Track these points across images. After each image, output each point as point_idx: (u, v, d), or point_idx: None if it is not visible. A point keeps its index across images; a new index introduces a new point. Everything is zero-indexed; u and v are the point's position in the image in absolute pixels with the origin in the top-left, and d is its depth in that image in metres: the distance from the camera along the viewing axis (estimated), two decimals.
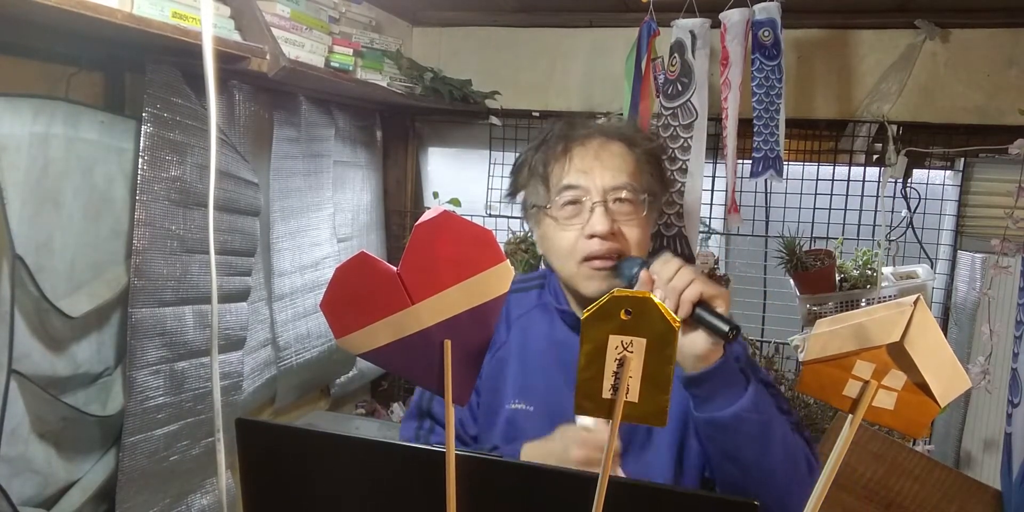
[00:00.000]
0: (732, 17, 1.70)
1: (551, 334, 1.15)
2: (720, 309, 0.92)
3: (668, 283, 0.93)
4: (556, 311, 1.16)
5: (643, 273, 0.97)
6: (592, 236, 1.03)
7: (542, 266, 2.16)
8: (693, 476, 1.07)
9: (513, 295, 1.19)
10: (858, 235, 2.11)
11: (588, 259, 1.04)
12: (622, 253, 1.04)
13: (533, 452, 1.00)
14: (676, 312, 0.92)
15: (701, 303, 0.92)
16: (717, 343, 0.93)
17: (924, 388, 0.52)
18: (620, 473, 1.00)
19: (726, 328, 0.89)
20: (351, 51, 1.74)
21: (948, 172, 2.11)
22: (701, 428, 0.97)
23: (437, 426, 1.15)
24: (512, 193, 1.20)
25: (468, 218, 0.61)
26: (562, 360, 1.11)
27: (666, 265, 0.95)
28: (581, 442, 0.94)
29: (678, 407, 1.02)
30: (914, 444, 1.92)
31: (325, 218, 2.05)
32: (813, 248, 2.05)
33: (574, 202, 1.06)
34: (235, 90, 1.68)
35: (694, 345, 0.93)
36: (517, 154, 2.34)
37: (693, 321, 0.92)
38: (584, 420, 0.97)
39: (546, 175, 1.09)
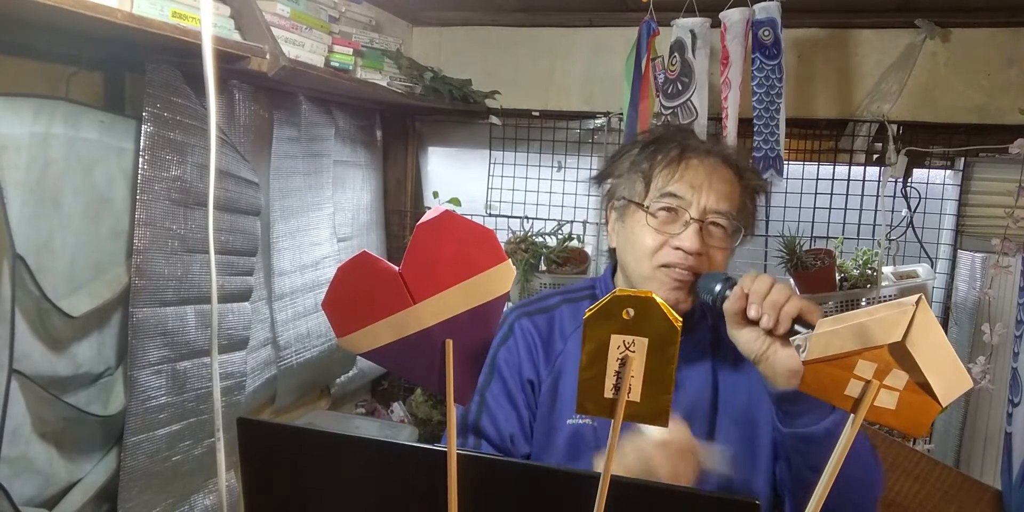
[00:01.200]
0: (732, 16, 1.70)
1: None
2: (815, 323, 0.92)
3: (765, 298, 0.92)
4: None
5: (737, 288, 0.95)
6: (678, 248, 1.03)
7: (588, 275, 2.14)
8: (761, 482, 1.06)
9: (566, 306, 1.18)
10: (858, 235, 2.11)
11: (666, 266, 1.04)
12: (698, 273, 1.04)
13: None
14: (775, 328, 0.91)
15: (798, 318, 0.91)
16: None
17: (926, 388, 0.52)
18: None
19: None
20: (351, 51, 1.74)
21: (948, 172, 2.11)
22: (789, 442, 0.96)
23: (486, 443, 1.09)
24: (601, 177, 1.18)
25: (468, 217, 0.61)
26: None
27: (758, 280, 0.94)
28: (661, 455, 0.91)
29: (739, 408, 1.04)
30: (914, 444, 1.92)
31: (325, 218, 2.05)
32: (813, 248, 2.05)
33: (670, 210, 1.05)
34: (235, 90, 1.68)
35: (789, 359, 0.92)
36: (517, 154, 2.37)
37: (790, 337, 0.91)
38: (650, 430, 0.94)
39: (650, 175, 1.08)
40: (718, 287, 0.98)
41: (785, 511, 1.05)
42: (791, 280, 2.01)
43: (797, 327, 0.91)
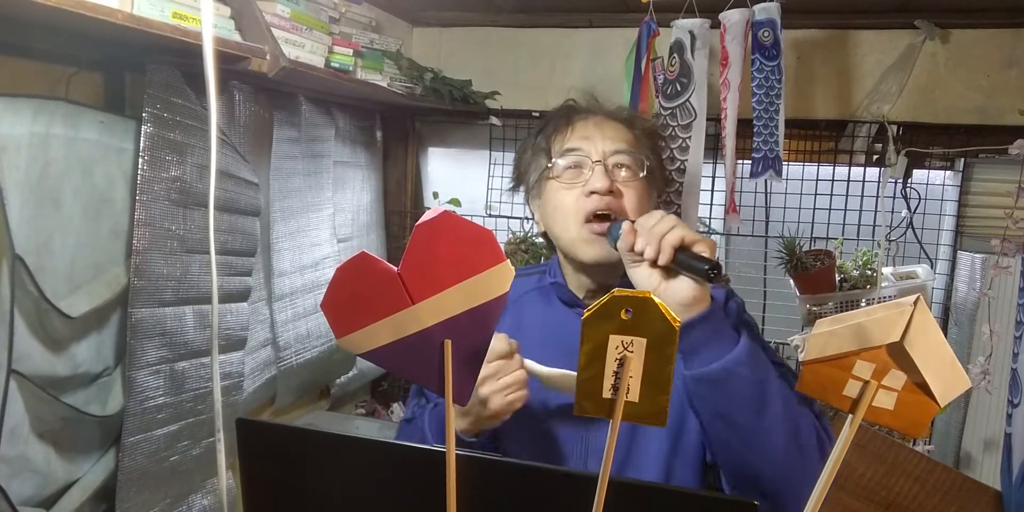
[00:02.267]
0: (732, 17, 1.70)
1: (547, 312, 1.15)
2: (705, 253, 0.91)
3: (650, 230, 0.93)
4: (553, 288, 1.16)
5: (625, 224, 0.97)
6: (592, 193, 1.05)
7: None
8: (691, 459, 1.04)
9: (515, 281, 1.19)
10: (858, 235, 2.11)
11: (588, 221, 1.05)
12: (621, 213, 1.05)
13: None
14: (657, 259, 0.91)
15: (683, 249, 0.91)
16: (702, 289, 0.91)
17: (924, 388, 0.52)
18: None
19: (705, 267, 0.88)
20: (351, 51, 1.74)
21: (948, 172, 2.11)
22: (691, 387, 0.93)
23: (429, 404, 1.15)
24: (516, 181, 1.22)
25: (468, 218, 0.61)
26: (555, 334, 1.10)
27: (649, 216, 0.96)
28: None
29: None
30: (914, 444, 1.92)
31: (325, 218, 2.05)
32: (813, 248, 2.05)
33: (575, 166, 1.09)
34: (235, 90, 1.68)
35: (678, 292, 0.91)
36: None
37: (675, 266, 0.92)
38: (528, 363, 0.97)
39: (548, 147, 1.13)
40: (620, 231, 0.99)
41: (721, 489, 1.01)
42: (791, 280, 2.02)
43: (680, 256, 0.91)
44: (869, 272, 1.99)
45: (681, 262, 0.91)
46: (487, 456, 0.72)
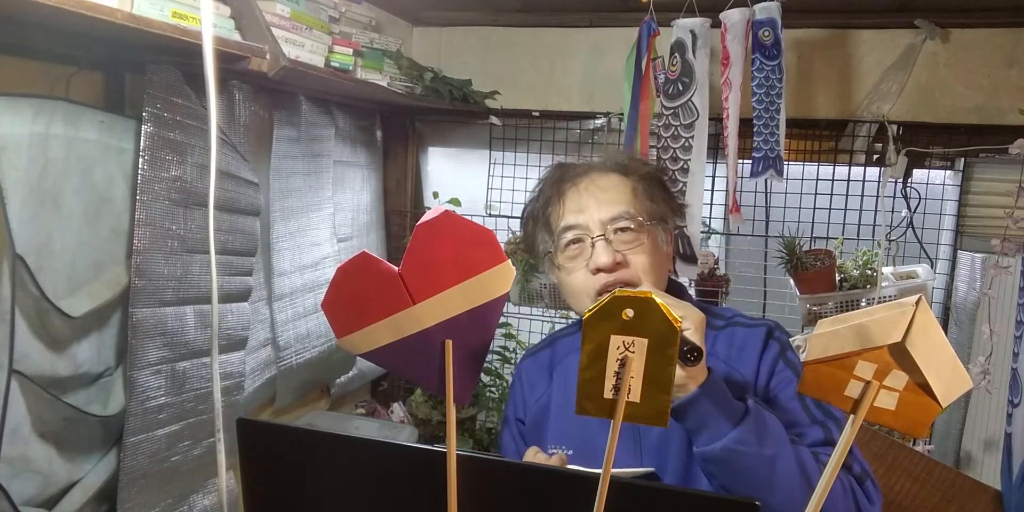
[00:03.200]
0: (732, 17, 1.70)
1: None
2: (688, 332, 0.89)
3: None
4: None
5: None
6: (598, 270, 1.03)
7: None
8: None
9: (559, 341, 1.23)
10: (858, 235, 2.11)
11: (600, 294, 1.03)
12: (632, 283, 1.03)
13: None
14: None
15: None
16: (690, 370, 0.89)
17: (925, 388, 0.52)
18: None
19: (684, 348, 0.86)
20: (351, 51, 1.74)
21: (948, 172, 2.11)
22: (699, 464, 0.93)
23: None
24: (528, 247, 1.20)
25: (468, 218, 0.61)
26: None
27: None
28: None
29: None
30: (914, 444, 1.92)
31: (325, 218, 2.05)
32: (813, 248, 2.05)
33: (576, 241, 1.06)
34: (235, 90, 1.68)
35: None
36: (517, 154, 2.38)
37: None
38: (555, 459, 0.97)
39: (547, 221, 1.10)
40: None
41: None
42: (791, 280, 2.02)
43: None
44: (869, 272, 1.99)
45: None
46: (487, 456, 0.72)
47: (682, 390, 0.90)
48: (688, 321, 0.89)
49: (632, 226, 1.05)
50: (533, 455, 1.00)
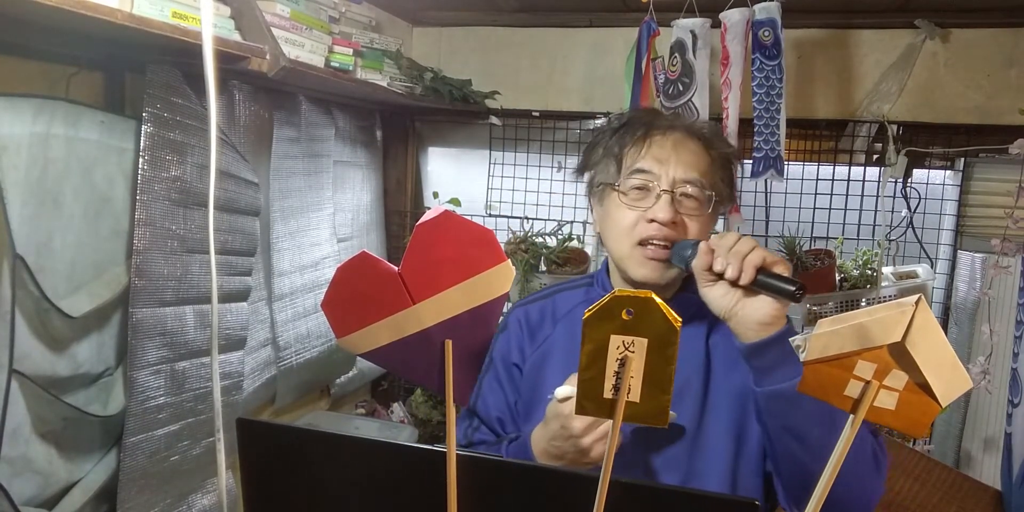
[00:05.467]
0: (732, 17, 1.70)
1: None
2: (785, 274, 0.92)
3: (730, 250, 0.94)
4: None
5: (702, 244, 0.97)
6: (652, 221, 1.04)
7: (590, 269, 2.15)
8: (752, 465, 1.05)
9: (562, 294, 1.20)
10: (858, 235, 2.11)
11: (643, 243, 1.05)
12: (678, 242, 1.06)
13: (536, 436, 1.00)
14: (739, 278, 0.92)
15: (763, 269, 0.93)
16: (781, 309, 0.93)
17: (925, 388, 0.52)
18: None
19: (793, 287, 0.89)
20: (351, 51, 1.74)
21: (948, 172, 2.11)
22: (762, 403, 0.95)
23: (483, 425, 1.15)
24: (581, 170, 1.20)
25: (468, 218, 0.61)
26: None
27: (725, 237, 0.96)
28: (569, 413, 0.92)
29: (735, 389, 1.02)
30: (914, 444, 1.92)
31: (325, 218, 2.05)
32: (813, 248, 2.05)
33: (642, 187, 1.08)
34: (235, 90, 1.68)
35: (757, 311, 0.93)
36: (517, 154, 2.37)
37: (756, 287, 0.93)
38: (562, 391, 0.95)
39: (620, 156, 1.11)
40: (688, 251, 0.99)
41: (777, 497, 1.02)
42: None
43: (762, 277, 0.92)
44: (869, 272, 1.99)
45: (763, 283, 0.92)
46: (487, 456, 0.72)
47: (775, 325, 0.93)
48: (781, 265, 0.93)
49: (699, 195, 1.07)
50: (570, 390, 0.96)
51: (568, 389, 0.94)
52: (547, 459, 0.96)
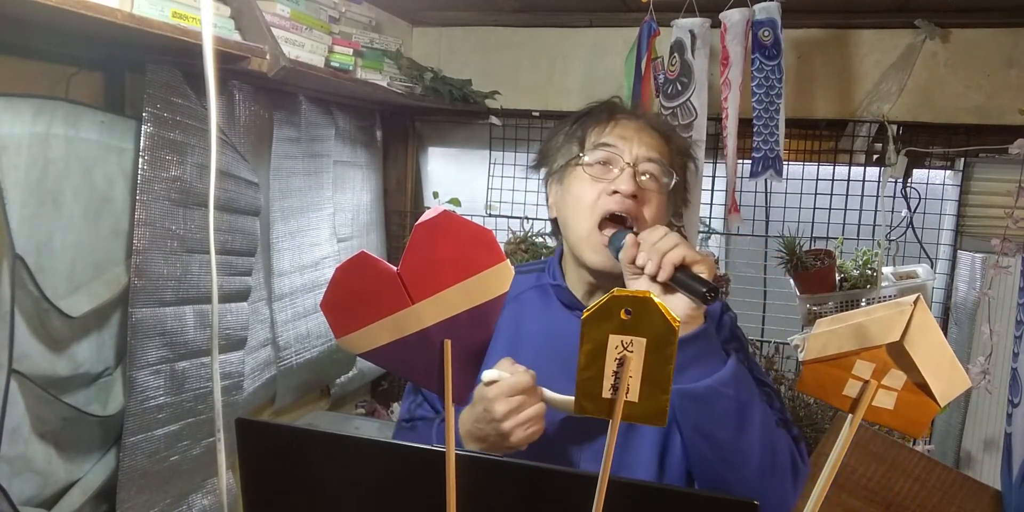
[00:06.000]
0: (732, 17, 1.70)
1: (546, 314, 1.15)
2: (703, 274, 0.93)
3: (653, 245, 0.94)
4: (552, 288, 1.16)
5: (629, 236, 0.98)
6: (615, 192, 1.05)
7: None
8: (676, 475, 1.05)
9: (516, 277, 1.19)
10: (858, 235, 2.11)
11: (602, 225, 1.06)
12: (638, 218, 1.06)
13: (464, 417, 0.99)
14: (657, 274, 0.93)
15: (683, 267, 0.93)
16: (697, 309, 0.93)
17: (924, 388, 0.52)
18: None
19: (704, 289, 0.90)
20: (351, 51, 1.74)
21: (948, 172, 2.11)
22: (676, 402, 0.95)
23: (425, 401, 1.16)
24: (539, 162, 1.21)
25: (468, 218, 0.61)
26: (554, 338, 1.10)
27: (653, 231, 0.97)
28: (493, 397, 0.92)
29: None
30: (914, 444, 1.92)
31: (325, 218, 2.05)
32: (813, 248, 2.05)
33: (605, 163, 1.09)
34: (235, 90, 1.68)
35: (673, 309, 0.92)
36: (517, 154, 2.37)
37: (673, 284, 0.93)
38: (489, 374, 0.95)
39: (583, 136, 1.13)
40: (622, 242, 1.00)
41: None
42: (791, 280, 2.01)
43: (679, 274, 0.92)
44: (869, 272, 1.99)
45: (679, 281, 0.93)
46: (487, 456, 0.72)
47: (690, 324, 0.94)
48: (702, 264, 0.94)
49: (659, 174, 1.09)
50: (510, 365, 0.97)
51: (495, 373, 0.95)
52: (471, 440, 0.96)
